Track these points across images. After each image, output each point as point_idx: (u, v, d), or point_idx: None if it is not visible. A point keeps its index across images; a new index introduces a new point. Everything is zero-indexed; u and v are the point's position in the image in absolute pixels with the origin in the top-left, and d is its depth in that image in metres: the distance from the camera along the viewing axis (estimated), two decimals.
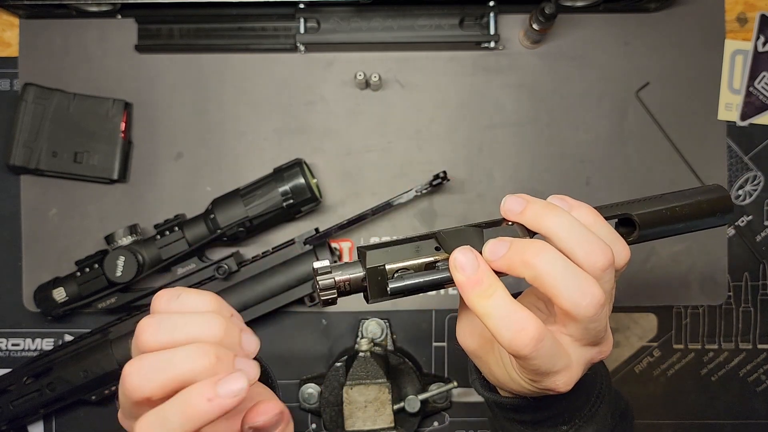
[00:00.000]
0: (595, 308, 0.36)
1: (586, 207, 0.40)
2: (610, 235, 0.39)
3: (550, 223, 0.38)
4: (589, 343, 0.39)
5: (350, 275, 0.38)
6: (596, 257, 0.37)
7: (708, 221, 0.44)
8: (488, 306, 0.36)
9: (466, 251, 0.38)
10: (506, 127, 0.75)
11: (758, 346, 0.75)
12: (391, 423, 0.67)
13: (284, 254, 0.71)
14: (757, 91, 0.74)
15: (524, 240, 0.38)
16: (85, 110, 0.72)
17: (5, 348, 0.75)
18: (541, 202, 0.40)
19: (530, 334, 0.35)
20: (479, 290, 0.37)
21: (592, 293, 0.36)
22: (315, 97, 0.75)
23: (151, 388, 0.34)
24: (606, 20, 0.75)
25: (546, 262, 0.36)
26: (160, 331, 0.35)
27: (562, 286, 0.36)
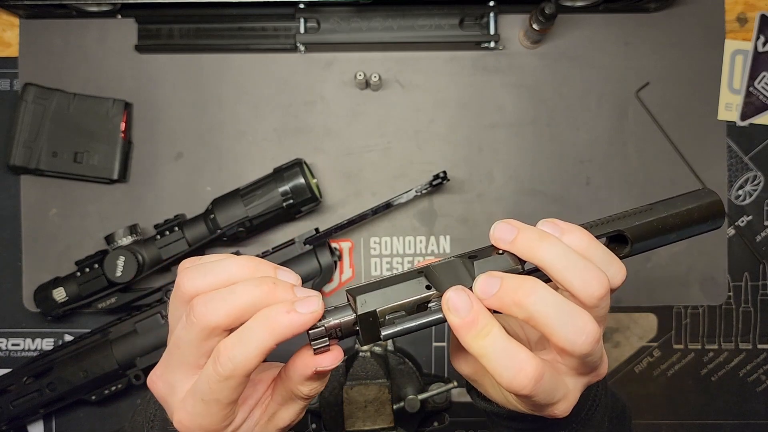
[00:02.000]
0: (591, 345, 0.35)
1: (578, 230, 0.39)
2: (606, 256, 0.39)
3: (543, 254, 0.37)
4: (585, 372, 0.38)
5: (341, 320, 0.38)
6: (592, 288, 0.36)
7: (700, 227, 0.43)
8: (484, 347, 0.36)
9: (458, 292, 0.37)
10: (506, 127, 0.75)
11: (758, 346, 0.75)
12: (391, 423, 0.67)
13: (284, 254, 0.71)
14: (757, 91, 0.74)
15: (515, 277, 0.37)
16: (85, 110, 0.72)
17: (5, 348, 0.75)
18: (533, 230, 0.38)
19: (529, 374, 0.35)
20: (474, 331, 0.36)
21: (587, 331, 0.35)
22: (315, 97, 0.75)
23: (220, 314, 0.35)
24: (606, 20, 0.75)
25: (538, 302, 0.35)
26: (200, 276, 0.37)
27: (557, 325, 0.35)
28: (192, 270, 0.37)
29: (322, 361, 0.37)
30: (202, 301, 0.35)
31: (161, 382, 0.39)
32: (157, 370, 0.39)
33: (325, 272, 0.70)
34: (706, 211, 0.43)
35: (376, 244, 0.75)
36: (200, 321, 0.35)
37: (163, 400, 0.39)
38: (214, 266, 0.37)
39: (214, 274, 0.37)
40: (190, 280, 0.37)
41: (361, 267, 0.75)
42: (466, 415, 0.75)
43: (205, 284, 0.36)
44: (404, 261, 0.75)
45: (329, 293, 0.75)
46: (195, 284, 0.37)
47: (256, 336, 0.35)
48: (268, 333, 0.35)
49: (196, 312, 0.35)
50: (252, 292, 0.35)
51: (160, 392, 0.39)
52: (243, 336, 0.35)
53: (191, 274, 0.37)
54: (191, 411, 0.37)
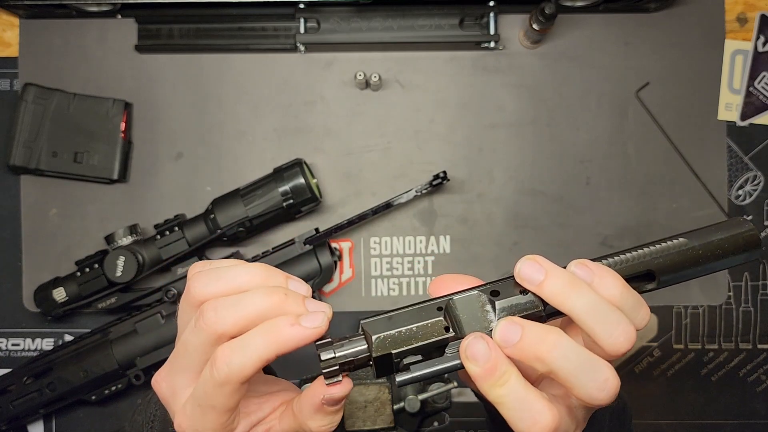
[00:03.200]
0: (611, 397, 0.35)
1: (610, 276, 0.37)
2: (636, 303, 0.38)
3: (572, 304, 0.36)
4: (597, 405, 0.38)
5: (355, 357, 0.37)
6: (620, 343, 0.36)
7: (734, 260, 0.41)
8: (502, 396, 0.35)
9: (478, 340, 0.36)
10: (506, 127, 0.75)
11: (758, 346, 0.75)
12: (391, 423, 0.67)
13: (284, 254, 0.71)
14: (757, 91, 0.74)
15: (537, 328, 0.36)
16: (85, 110, 0.72)
17: (5, 348, 0.75)
18: (562, 275, 0.37)
19: (545, 425, 0.34)
20: (493, 380, 0.35)
21: (608, 386, 0.35)
22: (315, 97, 0.75)
23: (229, 322, 0.35)
24: (606, 20, 0.75)
25: (560, 357, 0.35)
26: (212, 281, 0.36)
27: (578, 381, 0.35)
28: (203, 274, 0.37)
29: (333, 390, 0.37)
30: (212, 307, 0.35)
31: (165, 384, 0.39)
32: (162, 371, 0.39)
33: (325, 272, 0.70)
34: (741, 242, 0.41)
35: (376, 244, 0.75)
36: (209, 327, 0.35)
37: (166, 402, 0.39)
38: (226, 272, 0.37)
39: (225, 280, 0.36)
40: (201, 284, 0.36)
41: (361, 267, 0.75)
42: (466, 415, 0.75)
43: (216, 290, 0.36)
44: (404, 261, 0.75)
45: (329, 293, 0.75)
46: (206, 290, 0.36)
47: (256, 344, 0.34)
48: (268, 343, 0.34)
49: (206, 318, 0.35)
50: (262, 302, 0.35)
51: (164, 394, 0.39)
52: (243, 343, 0.35)
53: (203, 279, 0.37)
54: (189, 415, 0.37)
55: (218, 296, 0.36)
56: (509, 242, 0.75)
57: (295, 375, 0.75)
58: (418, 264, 0.75)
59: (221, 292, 0.36)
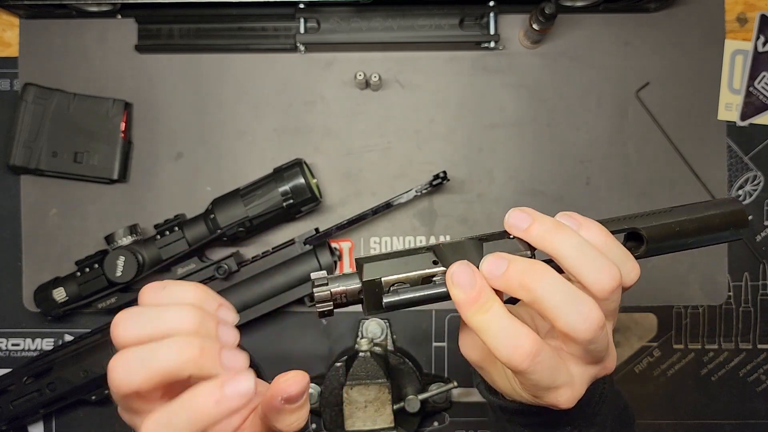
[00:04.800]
0: (595, 331, 0.35)
1: (596, 226, 0.39)
2: (621, 254, 0.39)
3: (558, 245, 0.37)
4: (591, 361, 0.38)
5: (346, 287, 0.38)
6: (605, 280, 0.36)
7: (721, 235, 0.42)
8: (484, 321, 0.36)
9: (463, 266, 0.37)
10: (506, 127, 0.75)
11: (758, 346, 0.75)
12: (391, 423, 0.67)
13: (284, 254, 0.71)
14: (757, 91, 0.74)
15: (524, 260, 0.37)
16: (85, 110, 0.72)
17: (5, 348, 0.75)
18: (548, 219, 0.38)
19: (526, 349, 0.35)
20: (476, 307, 0.36)
21: (591, 317, 0.35)
22: (315, 97, 0.75)
23: (137, 382, 0.33)
24: (606, 20, 0.75)
25: (545, 286, 0.35)
26: (134, 325, 0.35)
27: (561, 311, 0.35)
28: (127, 318, 0.35)
29: (287, 388, 0.36)
30: (120, 364, 0.33)
31: (124, 418, 0.38)
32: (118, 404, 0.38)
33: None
34: (728, 219, 0.41)
35: (376, 244, 0.75)
36: (117, 389, 0.34)
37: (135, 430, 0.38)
38: (149, 318, 0.35)
39: (142, 329, 0.34)
40: (118, 327, 0.35)
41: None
42: (466, 415, 0.75)
43: (131, 336, 0.34)
44: None
45: None
46: (121, 333, 0.35)
47: (181, 423, 0.33)
48: (192, 421, 0.33)
49: (113, 378, 0.34)
50: (175, 357, 0.33)
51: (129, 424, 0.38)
52: (167, 421, 0.33)
53: (123, 323, 0.35)
54: None
55: (135, 343, 0.34)
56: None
57: None
58: None
59: (137, 339, 0.34)
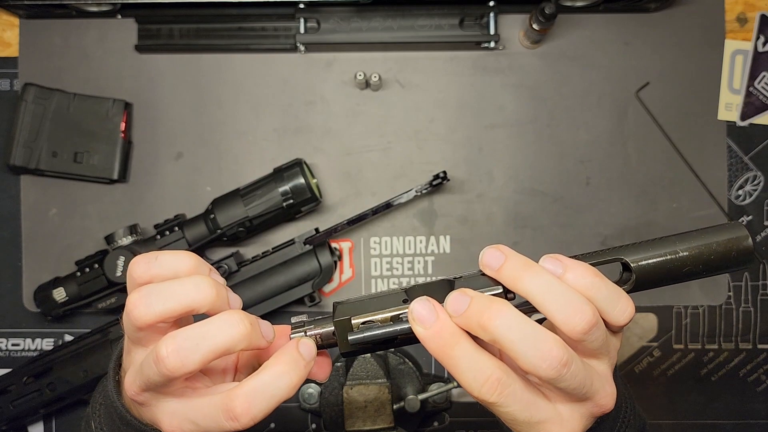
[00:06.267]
0: (556, 369, 0.35)
1: (581, 267, 0.37)
2: (611, 293, 0.37)
3: (527, 284, 0.36)
4: (572, 399, 0.37)
5: (321, 330, 0.39)
6: (575, 320, 0.35)
7: (722, 265, 0.37)
8: (452, 358, 0.36)
9: (422, 302, 0.36)
10: (506, 127, 0.75)
11: (758, 346, 0.75)
12: (391, 423, 0.67)
13: (284, 254, 0.71)
14: (757, 91, 0.74)
15: (484, 298, 0.36)
16: (85, 110, 0.72)
17: (5, 348, 0.75)
18: (520, 259, 0.37)
19: (493, 381, 0.35)
20: (440, 342, 0.36)
21: (551, 356, 0.34)
22: (315, 97, 0.75)
23: (193, 365, 0.35)
24: (606, 20, 0.75)
25: (502, 326, 0.35)
26: (155, 302, 0.36)
27: (520, 350, 0.35)
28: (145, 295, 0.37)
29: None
30: (174, 352, 0.35)
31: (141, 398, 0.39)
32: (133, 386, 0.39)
33: (325, 272, 0.70)
34: (730, 252, 0.37)
35: (376, 244, 0.75)
36: (173, 374, 0.35)
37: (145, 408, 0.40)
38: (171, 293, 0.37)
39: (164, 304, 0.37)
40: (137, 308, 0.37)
41: (361, 267, 0.75)
42: (466, 415, 0.75)
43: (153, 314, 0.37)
44: (404, 261, 0.75)
45: (329, 293, 0.75)
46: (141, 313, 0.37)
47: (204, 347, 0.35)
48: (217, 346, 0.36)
49: (168, 365, 0.35)
50: (228, 336, 0.36)
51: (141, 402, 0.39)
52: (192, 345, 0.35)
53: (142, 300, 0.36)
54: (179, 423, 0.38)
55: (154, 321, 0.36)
56: (509, 242, 0.75)
57: None
58: (418, 264, 0.75)
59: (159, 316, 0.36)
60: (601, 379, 0.38)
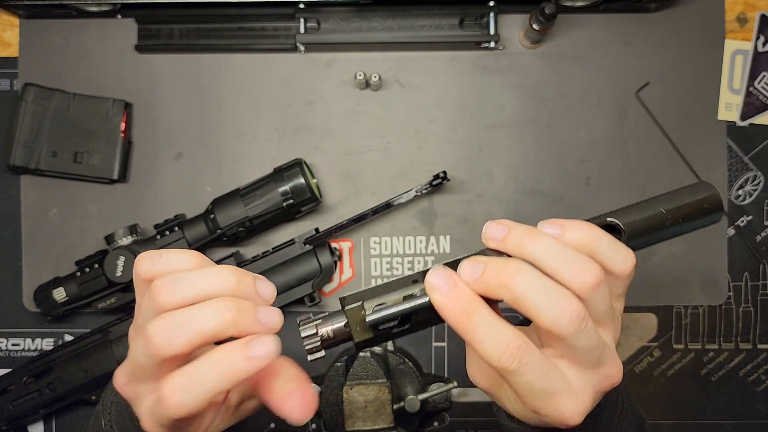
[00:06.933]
0: (577, 323, 0.35)
1: (579, 223, 0.39)
2: (612, 245, 0.39)
3: (532, 249, 0.37)
4: (586, 364, 0.38)
5: (333, 325, 0.38)
6: (582, 277, 0.36)
7: (698, 222, 0.42)
8: (471, 326, 0.36)
9: (438, 271, 0.37)
10: (506, 127, 0.75)
11: (758, 346, 0.75)
12: (391, 423, 0.67)
13: (284, 254, 0.71)
14: (757, 91, 0.74)
15: (499, 259, 0.37)
16: (85, 110, 0.72)
17: (5, 348, 0.75)
18: (523, 227, 0.38)
19: (513, 347, 0.35)
20: (459, 309, 0.36)
21: (571, 309, 0.35)
22: (315, 97, 0.75)
23: (178, 345, 0.34)
24: (606, 20, 0.75)
25: (523, 282, 0.35)
26: (177, 289, 0.35)
27: (541, 304, 0.35)
28: (169, 283, 0.36)
29: (291, 414, 0.38)
30: (162, 328, 0.34)
31: (126, 388, 0.38)
32: (122, 376, 0.39)
33: (325, 272, 0.70)
34: (703, 204, 0.42)
35: (376, 244, 0.75)
36: (157, 352, 0.34)
37: (132, 403, 0.39)
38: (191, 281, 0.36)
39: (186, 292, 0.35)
40: (161, 294, 0.35)
41: (361, 267, 0.75)
42: (466, 415, 0.75)
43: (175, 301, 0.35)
44: (404, 261, 0.75)
45: (329, 293, 0.75)
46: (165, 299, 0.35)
47: (207, 382, 0.34)
48: (221, 380, 0.34)
49: (154, 341, 0.34)
50: (215, 319, 0.34)
51: (128, 397, 0.39)
52: (193, 380, 0.34)
53: (166, 287, 0.35)
54: (157, 427, 0.37)
55: (176, 307, 0.35)
56: None
57: None
58: (418, 264, 0.75)
59: (179, 303, 0.35)
60: (609, 349, 0.39)
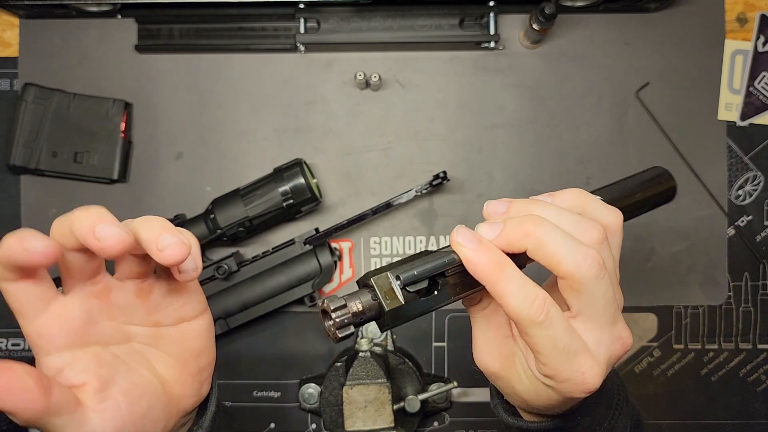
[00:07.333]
0: (597, 268, 0.36)
1: (568, 190, 0.41)
2: (601, 203, 0.41)
3: (537, 213, 0.39)
4: (601, 320, 0.38)
5: (361, 299, 0.36)
6: (588, 233, 0.38)
7: (658, 190, 0.48)
8: (503, 279, 0.36)
9: (461, 230, 0.38)
10: (506, 127, 0.75)
11: (758, 346, 0.75)
12: (391, 423, 0.67)
13: (284, 254, 0.71)
14: (757, 91, 0.74)
15: (517, 215, 0.39)
16: (85, 110, 0.72)
17: (5, 348, 0.75)
18: (522, 200, 0.40)
19: (540, 300, 0.36)
20: (490, 262, 0.36)
21: (592, 255, 0.36)
22: (315, 97, 0.75)
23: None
24: (606, 20, 0.75)
25: (546, 230, 0.37)
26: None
27: (564, 250, 0.36)
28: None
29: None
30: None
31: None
32: None
33: (325, 272, 0.70)
34: (659, 177, 0.48)
35: (376, 244, 0.75)
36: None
37: None
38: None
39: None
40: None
41: (361, 267, 0.75)
42: (466, 415, 0.75)
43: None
44: None
45: (329, 293, 0.75)
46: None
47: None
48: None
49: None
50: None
51: None
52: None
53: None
54: None
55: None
56: None
57: (295, 375, 0.75)
58: None
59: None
60: (619, 310, 0.40)
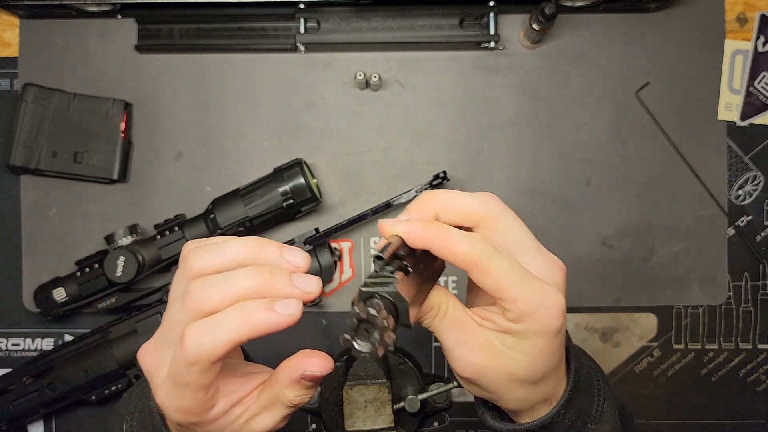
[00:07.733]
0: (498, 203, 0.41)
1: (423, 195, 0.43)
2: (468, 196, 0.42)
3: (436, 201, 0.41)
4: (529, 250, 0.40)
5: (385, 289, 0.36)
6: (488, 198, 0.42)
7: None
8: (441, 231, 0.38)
9: (383, 220, 0.39)
10: (506, 127, 0.75)
11: (758, 346, 0.75)
12: (391, 423, 0.67)
13: None
14: (757, 91, 0.74)
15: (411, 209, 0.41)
16: (85, 110, 0.72)
17: (5, 348, 0.75)
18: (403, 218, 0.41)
19: (480, 235, 0.40)
20: (427, 226, 0.38)
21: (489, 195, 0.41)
22: (315, 97, 0.75)
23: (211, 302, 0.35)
24: (606, 20, 0.75)
25: (445, 192, 0.40)
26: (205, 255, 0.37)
27: (465, 197, 0.40)
28: (199, 249, 0.38)
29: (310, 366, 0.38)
30: (199, 285, 0.36)
31: (150, 357, 0.39)
32: (148, 344, 0.39)
33: (325, 272, 0.70)
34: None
35: (376, 244, 0.75)
36: (194, 306, 0.35)
37: (149, 375, 0.39)
38: (220, 246, 0.38)
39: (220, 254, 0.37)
40: (198, 258, 0.37)
41: (361, 267, 0.75)
42: (466, 415, 0.75)
43: (209, 263, 0.37)
44: None
45: (329, 293, 0.75)
46: (202, 263, 0.37)
47: (228, 326, 0.35)
48: (240, 325, 0.35)
49: (192, 297, 0.36)
50: (248, 280, 0.36)
51: (148, 367, 0.39)
52: (214, 323, 0.35)
53: (199, 253, 0.37)
54: (167, 391, 0.37)
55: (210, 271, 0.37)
56: None
57: None
58: None
59: (213, 266, 0.37)
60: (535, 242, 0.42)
